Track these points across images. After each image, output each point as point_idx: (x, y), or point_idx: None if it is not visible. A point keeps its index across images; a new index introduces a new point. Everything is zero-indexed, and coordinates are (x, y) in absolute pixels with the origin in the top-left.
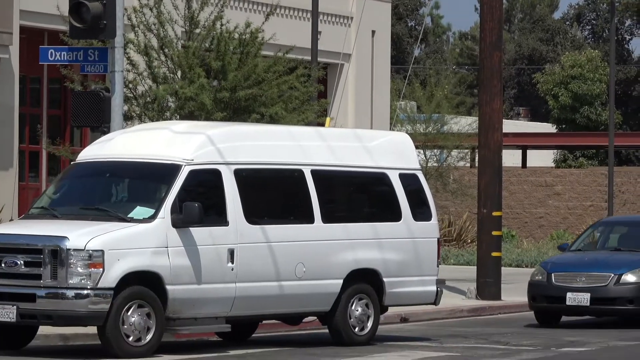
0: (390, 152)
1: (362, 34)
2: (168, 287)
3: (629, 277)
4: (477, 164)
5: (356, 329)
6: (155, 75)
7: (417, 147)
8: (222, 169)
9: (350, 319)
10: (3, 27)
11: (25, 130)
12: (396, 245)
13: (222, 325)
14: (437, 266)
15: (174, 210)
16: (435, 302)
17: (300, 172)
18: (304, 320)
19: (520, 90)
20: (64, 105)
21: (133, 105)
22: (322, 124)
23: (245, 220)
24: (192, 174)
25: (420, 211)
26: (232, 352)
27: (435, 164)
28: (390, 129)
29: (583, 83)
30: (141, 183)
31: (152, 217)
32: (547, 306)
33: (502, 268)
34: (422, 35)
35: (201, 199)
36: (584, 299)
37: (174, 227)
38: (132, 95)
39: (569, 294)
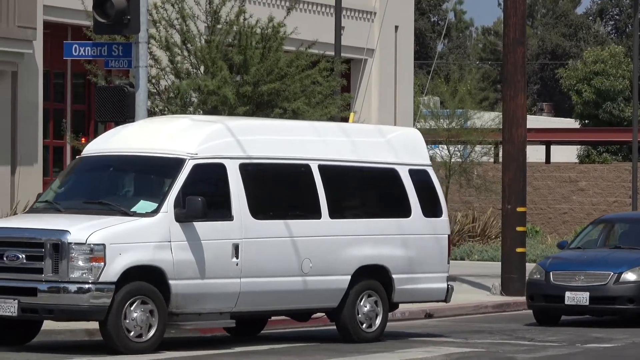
0: (400, 147)
1: (385, 29)
2: (171, 282)
3: (629, 276)
4: (501, 160)
5: (364, 326)
6: (178, 71)
7: (440, 143)
8: (227, 163)
9: (358, 315)
10: (27, 23)
11: (49, 126)
12: (405, 242)
13: (227, 321)
14: (448, 263)
15: (177, 204)
16: (446, 300)
17: (308, 167)
18: (312, 317)
19: (543, 85)
20: (87, 100)
21: (156, 100)
22: (346, 119)
23: (250, 215)
24: (197, 168)
25: (431, 207)
26: (249, 348)
27: (458, 160)
28: (414, 125)
29: (606, 79)
30: (145, 177)
31: (155, 212)
32: (545, 305)
33: (527, 264)
34: (445, 31)
35: (205, 193)
36: (583, 298)
37: (177, 222)
38: (155, 90)
39: (567, 293)
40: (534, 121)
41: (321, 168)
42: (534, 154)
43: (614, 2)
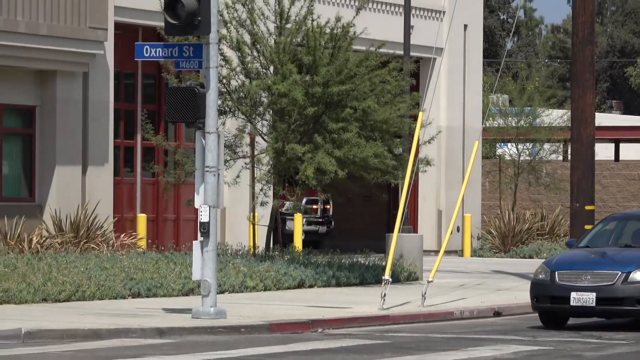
0: None
1: (454, 28)
2: None
3: (638, 276)
4: (570, 158)
5: None
6: (248, 71)
7: (509, 141)
8: None
9: None
10: (98, 24)
11: (120, 126)
12: None
13: None
14: None
15: None
16: None
17: None
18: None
19: (612, 83)
20: (158, 101)
21: (226, 100)
22: (415, 117)
23: None
24: None
25: None
26: (316, 347)
27: (527, 158)
28: (483, 123)
29: None
30: None
31: None
32: (550, 307)
33: None
34: (514, 29)
35: None
36: (589, 299)
37: None
38: (225, 90)
39: (573, 294)
40: (603, 119)
41: None
42: (604, 151)
43: None
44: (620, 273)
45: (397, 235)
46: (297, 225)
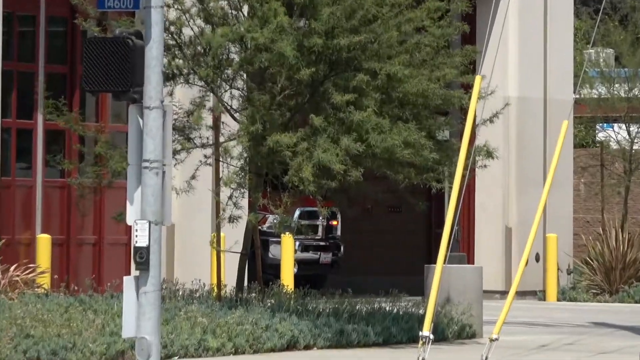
0: None
1: None
2: None
3: None
4: None
5: None
6: (210, 13)
7: (615, 120)
8: None
9: None
10: None
11: (11, 97)
12: None
13: None
14: None
15: None
16: None
17: None
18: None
19: None
20: (70, 59)
21: (176, 58)
22: (468, 86)
23: None
24: None
25: None
26: None
27: None
28: (575, 92)
29: None
30: None
31: None
32: None
33: None
34: None
35: None
36: None
37: None
38: (174, 42)
39: None
40: None
41: None
42: None
43: None
44: None
45: (442, 267)
46: (287, 251)
